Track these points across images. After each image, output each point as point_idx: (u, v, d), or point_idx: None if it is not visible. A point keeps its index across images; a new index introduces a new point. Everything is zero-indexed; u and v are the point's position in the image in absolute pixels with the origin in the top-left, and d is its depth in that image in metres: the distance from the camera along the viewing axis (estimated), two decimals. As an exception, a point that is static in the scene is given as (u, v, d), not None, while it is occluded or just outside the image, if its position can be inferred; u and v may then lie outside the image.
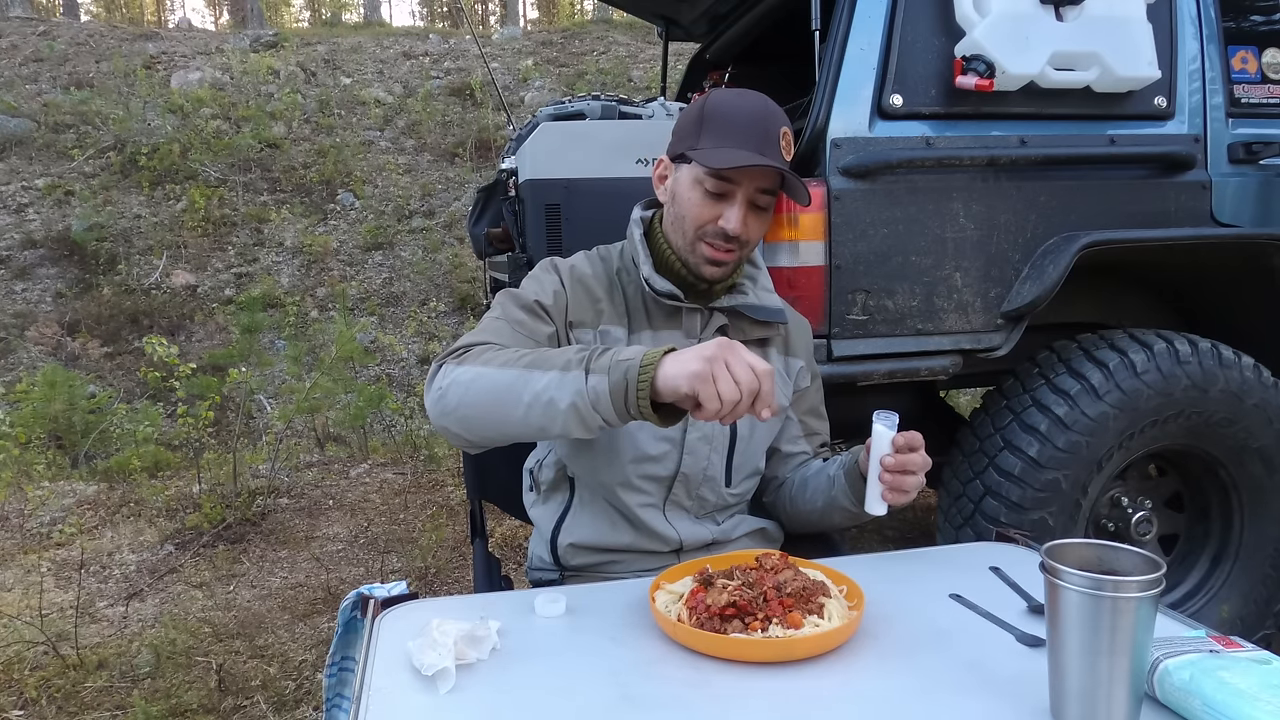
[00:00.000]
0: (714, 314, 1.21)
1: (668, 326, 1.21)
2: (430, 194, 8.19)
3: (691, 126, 1.15)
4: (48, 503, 3.49)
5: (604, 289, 1.22)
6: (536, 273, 1.23)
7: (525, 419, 0.98)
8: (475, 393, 1.00)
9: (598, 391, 0.93)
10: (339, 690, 1.08)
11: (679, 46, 3.64)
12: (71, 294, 6.60)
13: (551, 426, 0.97)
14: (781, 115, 1.15)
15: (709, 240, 1.14)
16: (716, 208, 1.13)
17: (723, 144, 1.10)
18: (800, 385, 1.32)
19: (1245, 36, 2.13)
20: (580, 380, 0.94)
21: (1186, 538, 2.26)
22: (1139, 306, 2.39)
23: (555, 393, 0.95)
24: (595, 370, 0.94)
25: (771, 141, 1.11)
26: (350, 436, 4.64)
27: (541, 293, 1.18)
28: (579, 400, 0.94)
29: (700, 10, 2.84)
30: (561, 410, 0.95)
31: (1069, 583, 0.68)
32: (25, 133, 8.06)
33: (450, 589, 2.77)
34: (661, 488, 1.20)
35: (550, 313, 1.17)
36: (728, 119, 1.12)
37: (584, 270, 1.23)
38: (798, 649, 0.82)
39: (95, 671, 2.27)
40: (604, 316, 1.20)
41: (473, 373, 1.01)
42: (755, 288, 1.25)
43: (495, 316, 1.15)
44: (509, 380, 0.99)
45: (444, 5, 28.31)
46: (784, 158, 1.12)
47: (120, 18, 26.31)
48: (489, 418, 1.01)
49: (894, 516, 3.38)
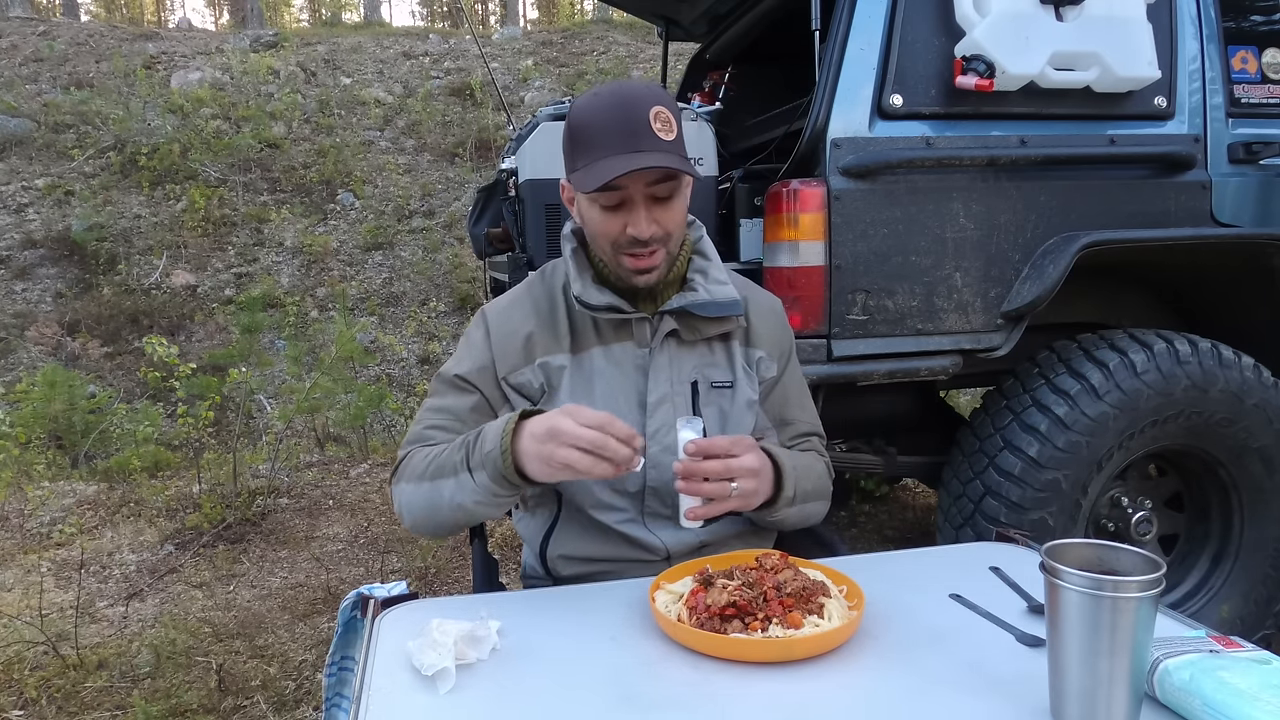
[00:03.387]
0: (663, 319, 1.16)
1: (618, 339, 1.17)
2: (430, 194, 8.19)
3: (568, 149, 1.11)
4: (48, 503, 3.49)
5: (543, 314, 1.18)
6: (468, 330, 1.24)
7: (457, 521, 1.09)
8: (414, 511, 1.12)
9: (485, 486, 1.01)
10: (339, 690, 1.08)
11: (679, 46, 3.64)
12: (71, 294, 6.60)
13: (480, 519, 1.09)
14: (648, 95, 1.07)
15: (627, 251, 1.10)
16: (619, 218, 1.08)
17: (595, 157, 1.05)
18: (765, 376, 1.24)
19: (1245, 36, 2.13)
20: (469, 480, 1.02)
21: (1186, 538, 2.26)
22: (1139, 306, 2.39)
23: (461, 498, 1.04)
24: (475, 468, 1.02)
25: (641, 131, 1.04)
26: (350, 436, 4.64)
27: (462, 362, 1.19)
28: (479, 497, 1.02)
29: (700, 10, 2.84)
30: (471, 509, 1.05)
31: (1069, 583, 0.68)
32: (25, 133, 8.06)
33: (450, 589, 2.77)
34: (635, 502, 1.17)
35: (473, 381, 1.17)
36: (590, 131, 1.07)
37: (514, 308, 1.20)
38: (798, 649, 0.82)
39: (95, 671, 2.27)
40: (540, 348, 1.16)
41: (407, 492, 1.12)
42: (706, 281, 1.18)
43: (425, 406, 1.21)
44: (426, 494, 1.08)
45: (444, 5, 28.32)
46: (662, 140, 1.04)
47: (120, 18, 26.32)
48: (435, 526, 1.12)
49: (894, 516, 3.38)
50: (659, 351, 1.17)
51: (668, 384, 1.16)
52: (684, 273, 1.20)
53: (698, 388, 1.18)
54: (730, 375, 1.20)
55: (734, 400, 1.19)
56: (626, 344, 1.17)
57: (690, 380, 1.18)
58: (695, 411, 1.17)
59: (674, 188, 1.10)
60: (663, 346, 1.17)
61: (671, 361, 1.17)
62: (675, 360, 1.18)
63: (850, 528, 3.24)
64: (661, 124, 1.05)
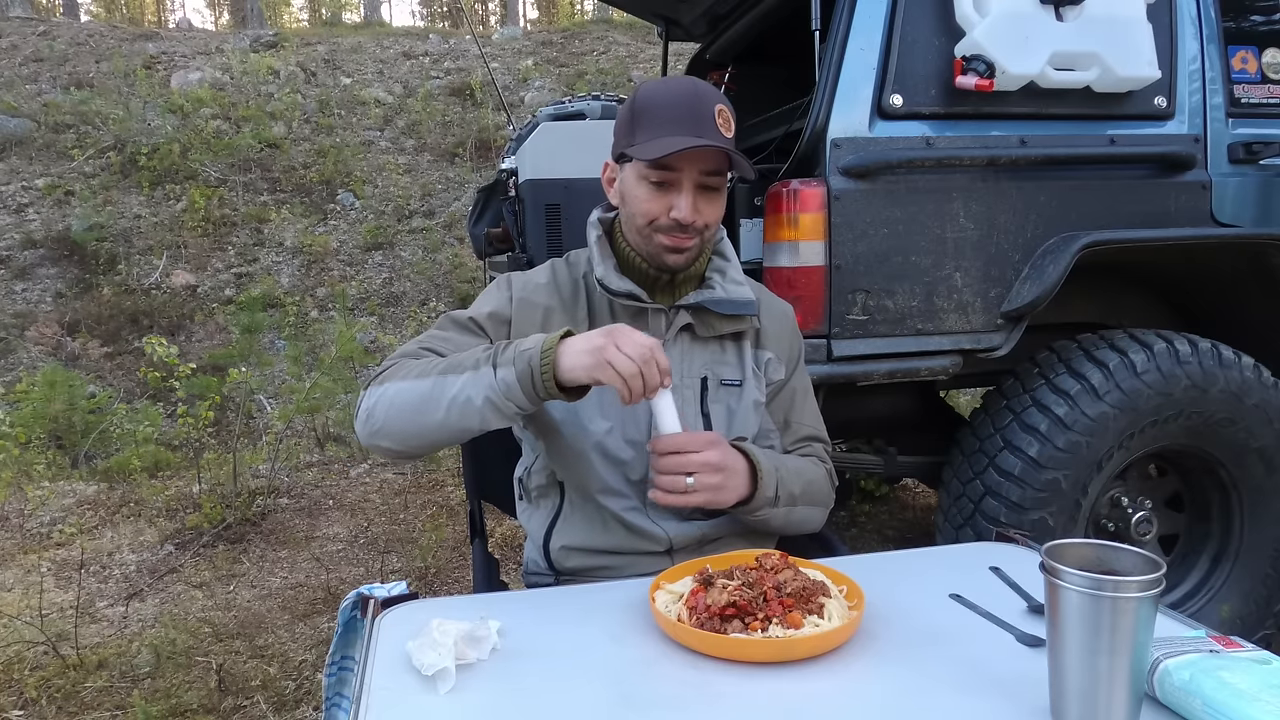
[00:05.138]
0: (679, 312, 1.19)
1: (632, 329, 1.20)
2: (430, 194, 8.19)
3: (626, 125, 1.15)
4: (48, 503, 3.49)
5: (565, 297, 1.21)
6: (489, 288, 1.25)
7: (445, 422, 1.04)
8: (398, 407, 1.06)
9: (507, 383, 0.99)
10: (339, 690, 1.08)
11: (679, 46, 3.64)
12: (71, 294, 6.60)
13: (471, 423, 1.03)
14: (714, 93, 1.13)
15: (665, 232, 1.13)
16: (665, 199, 1.12)
17: (657, 134, 1.09)
18: (772, 378, 1.26)
19: (1245, 36, 2.13)
20: (490, 375, 1.00)
21: (1186, 538, 2.26)
22: (1139, 306, 2.39)
23: (470, 391, 1.01)
24: (501, 364, 1.00)
25: (706, 121, 1.09)
26: (350, 436, 4.63)
27: (481, 309, 1.20)
28: (491, 394, 1.00)
29: (700, 10, 2.84)
30: (477, 406, 1.01)
31: (1069, 583, 0.68)
32: (25, 133, 8.06)
33: (450, 589, 2.77)
34: (638, 490, 1.18)
35: (484, 326, 1.18)
36: (658, 109, 1.11)
37: (538, 284, 1.22)
38: (798, 649, 0.82)
39: (95, 671, 2.27)
40: (555, 326, 1.18)
41: (394, 389, 1.07)
42: (724, 280, 1.21)
43: (426, 334, 1.19)
44: (426, 389, 1.04)
45: (444, 5, 28.31)
46: (723, 135, 1.09)
47: (120, 18, 26.30)
48: (414, 427, 1.06)
49: (894, 516, 3.38)
50: (672, 344, 1.19)
51: (678, 376, 1.18)
52: (703, 271, 1.23)
53: (707, 384, 1.20)
54: (740, 374, 1.22)
55: (741, 399, 1.21)
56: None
57: (700, 376, 1.20)
58: (703, 408, 1.19)
59: (723, 182, 1.14)
60: (676, 340, 1.19)
61: (684, 355, 1.20)
62: (687, 355, 1.20)
63: (850, 528, 3.24)
64: (723, 121, 1.11)
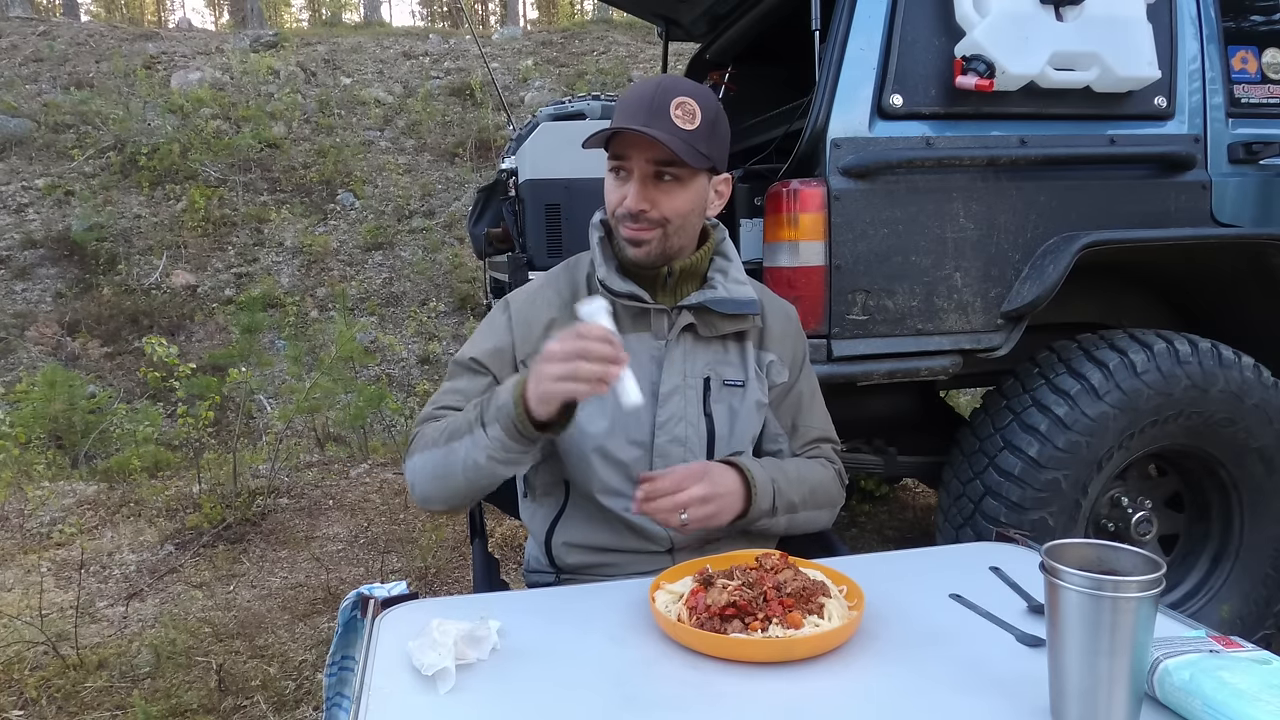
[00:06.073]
0: (681, 312, 1.19)
1: (635, 329, 1.19)
2: (430, 194, 8.20)
3: None
4: (48, 503, 3.49)
5: (565, 303, 1.21)
6: (488, 318, 1.27)
7: (469, 482, 1.09)
8: (426, 478, 1.13)
9: (499, 440, 1.03)
10: (339, 690, 1.08)
11: (679, 46, 3.64)
12: (71, 294, 6.60)
13: (490, 479, 1.08)
14: (683, 88, 1.11)
15: (624, 224, 1.14)
16: (621, 189, 1.13)
17: (613, 125, 1.11)
18: (775, 380, 1.26)
19: (1245, 36, 2.13)
20: (483, 436, 1.04)
21: (1186, 538, 2.26)
22: (1139, 306, 2.39)
23: (474, 455, 1.05)
24: (489, 422, 1.04)
25: (659, 112, 1.07)
26: (350, 436, 4.64)
27: (478, 344, 1.22)
28: (491, 452, 1.04)
29: (700, 10, 2.84)
30: (485, 467, 1.05)
31: (1069, 583, 0.68)
32: (25, 133, 8.06)
33: (450, 589, 2.77)
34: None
35: (486, 363, 1.20)
36: (622, 103, 1.13)
37: (538, 299, 1.23)
38: (798, 649, 0.82)
39: (95, 671, 2.27)
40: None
41: (419, 462, 1.14)
42: (725, 280, 1.21)
43: (440, 389, 1.23)
44: (440, 459, 1.10)
45: (444, 5, 28.31)
46: (676, 125, 1.08)
47: (120, 18, 26.30)
48: (446, 492, 1.12)
49: (894, 516, 3.38)
50: (674, 345, 1.19)
51: (680, 376, 1.18)
52: (705, 271, 1.23)
53: (709, 384, 1.20)
54: (743, 375, 1.23)
55: (744, 399, 1.21)
56: (644, 335, 1.19)
57: (703, 376, 1.20)
58: (705, 408, 1.19)
59: (680, 174, 1.12)
60: (678, 340, 1.19)
61: (686, 355, 1.20)
62: (690, 355, 1.20)
63: (850, 528, 3.24)
64: (683, 113, 1.09)
